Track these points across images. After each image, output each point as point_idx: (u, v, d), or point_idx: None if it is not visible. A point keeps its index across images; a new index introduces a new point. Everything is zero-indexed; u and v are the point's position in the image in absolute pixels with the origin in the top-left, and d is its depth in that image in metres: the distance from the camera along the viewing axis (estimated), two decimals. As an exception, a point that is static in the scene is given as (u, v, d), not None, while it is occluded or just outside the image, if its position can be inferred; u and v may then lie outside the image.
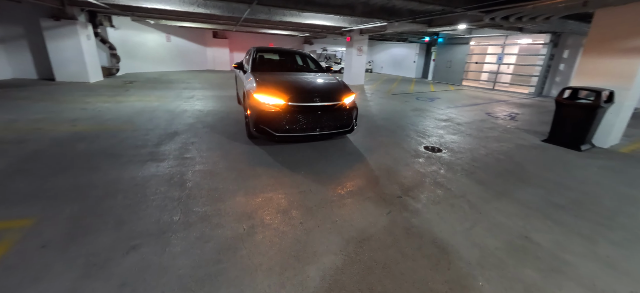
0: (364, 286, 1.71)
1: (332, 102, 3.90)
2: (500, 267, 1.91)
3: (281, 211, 2.50)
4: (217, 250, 1.99)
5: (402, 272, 1.82)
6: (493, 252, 2.04)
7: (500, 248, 2.08)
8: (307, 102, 3.74)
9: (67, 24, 8.36)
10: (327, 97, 3.90)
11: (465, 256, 1.99)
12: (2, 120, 4.67)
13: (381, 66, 21.81)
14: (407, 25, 9.33)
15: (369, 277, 1.79)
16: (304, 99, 3.76)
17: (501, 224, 2.38)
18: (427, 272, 1.83)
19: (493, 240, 2.17)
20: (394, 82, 15.09)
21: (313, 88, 4.09)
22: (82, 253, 1.92)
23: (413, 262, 1.92)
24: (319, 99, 3.82)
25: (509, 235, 2.24)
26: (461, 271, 1.85)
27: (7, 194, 2.58)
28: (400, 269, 1.85)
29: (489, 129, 5.67)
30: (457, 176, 3.33)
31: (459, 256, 1.99)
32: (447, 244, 2.10)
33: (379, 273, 1.82)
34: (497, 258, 1.97)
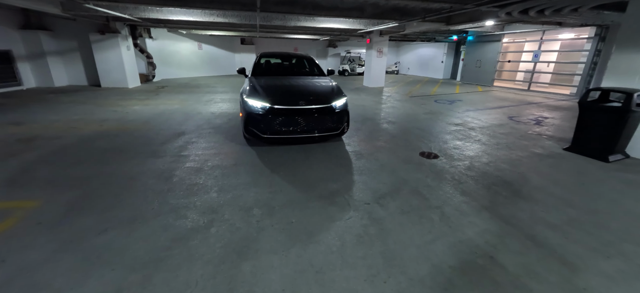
0: (290, 287, 1.73)
1: (319, 105, 3.93)
2: (444, 287, 1.76)
3: (245, 208, 2.61)
4: (172, 239, 2.16)
5: (334, 280, 1.80)
6: (444, 270, 1.88)
7: (455, 267, 1.91)
8: (292, 105, 3.83)
9: (110, 37, 9.53)
10: (314, 101, 3.94)
11: (410, 271, 1.88)
12: (47, 120, 5.51)
13: (408, 67, 21.05)
14: (425, 25, 8.95)
15: (299, 279, 1.80)
16: (289, 102, 3.85)
17: (469, 241, 2.19)
18: (360, 284, 1.77)
19: (450, 258, 2.00)
20: (417, 84, 14.48)
21: (301, 91, 4.16)
22: (66, 231, 2.24)
23: (351, 270, 1.88)
24: (305, 102, 3.88)
25: (472, 254, 2.04)
26: (398, 286, 1.75)
27: (28, 180, 3.07)
28: (333, 276, 1.83)
29: (504, 135, 5.19)
30: (442, 185, 3.12)
31: (403, 270, 1.88)
32: (396, 256, 2.01)
33: (310, 277, 1.82)
34: (445, 278, 1.82)
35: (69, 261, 1.94)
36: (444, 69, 17.46)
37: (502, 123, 6.14)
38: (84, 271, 1.85)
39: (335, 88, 4.40)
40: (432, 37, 15.59)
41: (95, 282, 1.77)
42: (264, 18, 8.67)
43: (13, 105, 6.79)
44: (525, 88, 11.97)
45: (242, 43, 18.78)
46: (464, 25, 8.13)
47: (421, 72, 19.72)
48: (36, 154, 3.80)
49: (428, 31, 11.95)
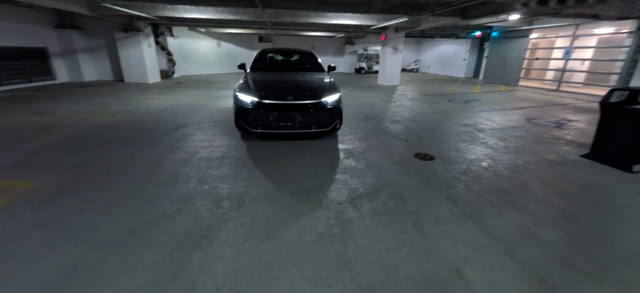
0: (231, 281, 1.70)
1: (308, 101, 3.86)
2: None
3: (216, 200, 2.62)
4: (139, 223, 2.23)
5: (278, 278, 1.73)
6: (398, 280, 1.74)
7: (413, 278, 1.75)
8: (280, 100, 3.79)
9: (132, 35, 10.12)
10: (303, 96, 3.88)
11: (361, 278, 1.76)
12: (67, 111, 5.96)
13: (428, 65, 20.23)
14: (440, 19, 8.51)
15: (243, 273, 1.76)
16: (277, 97, 3.82)
17: (437, 251, 2.00)
18: (304, 285, 1.69)
19: (411, 267, 1.84)
20: (434, 82, 13.86)
21: (291, 87, 4.11)
22: (49, 209, 2.40)
23: (299, 270, 1.80)
24: (294, 97, 3.82)
25: (436, 266, 1.86)
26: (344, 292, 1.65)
27: (32, 163, 3.32)
28: (279, 275, 1.77)
29: (516, 138, 4.78)
30: (427, 189, 2.92)
31: (354, 276, 1.77)
32: (351, 261, 1.89)
33: (256, 272, 1.77)
34: (398, 289, 1.68)
35: (41, 236, 2.08)
36: (466, 67, 16.55)
37: (517, 125, 5.66)
38: (51, 247, 1.96)
39: (329, 84, 4.30)
40: (454, 34, 14.83)
41: (57, 256, 1.87)
42: (273, 14, 8.73)
43: (44, 97, 7.43)
44: (554, 88, 10.98)
45: (260, 41, 19.12)
46: (481, 20, 7.61)
47: (442, 71, 18.86)
48: (47, 141, 4.12)
49: (446, 27, 11.38)
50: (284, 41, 19.72)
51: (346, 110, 6.74)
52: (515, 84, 12.35)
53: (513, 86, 12.29)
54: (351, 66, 20.44)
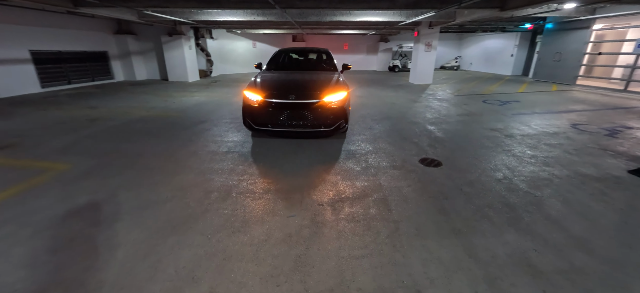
0: (190, 266, 1.81)
1: (310, 100, 3.86)
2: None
3: (206, 191, 2.80)
4: (136, 206, 2.52)
5: (233, 270, 1.80)
6: (349, 291, 1.66)
7: (365, 291, 1.65)
8: (282, 99, 3.86)
9: (176, 38, 11.18)
10: (305, 95, 3.89)
11: (312, 282, 1.73)
12: (114, 106, 6.85)
13: (470, 62, 18.63)
14: (477, 12, 7.78)
15: (204, 261, 1.86)
16: (280, 95, 3.89)
17: (404, 266, 1.84)
18: (254, 280, 1.73)
19: (367, 280, 1.73)
20: (473, 81, 12.71)
21: (296, 86, 4.15)
22: (72, 189, 2.82)
23: (255, 265, 1.84)
24: (295, 96, 3.86)
25: (396, 283, 1.71)
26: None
27: (73, 149, 3.91)
28: (235, 267, 1.83)
29: (549, 147, 4.17)
30: (421, 198, 2.71)
31: (305, 279, 1.74)
32: (309, 264, 1.87)
33: (215, 262, 1.86)
34: None
35: (56, 209, 2.47)
36: (513, 64, 14.83)
37: (558, 131, 4.93)
38: (61, 218, 2.31)
39: (334, 84, 4.23)
40: (500, 27, 13.40)
41: (64, 229, 2.19)
42: (298, 14, 8.87)
43: (100, 94, 8.64)
44: (620, 88, 9.25)
45: (294, 40, 19.59)
46: (524, 10, 6.75)
47: (486, 68, 17.19)
48: (90, 131, 4.80)
49: (485, 20, 10.37)
50: (316, 40, 19.91)
51: (365, 110, 6.58)
52: (572, 82, 10.70)
53: (569, 85, 10.66)
54: (385, 64, 19.80)
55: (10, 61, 7.75)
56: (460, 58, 19.12)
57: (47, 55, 8.75)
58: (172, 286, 1.69)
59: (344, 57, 20.49)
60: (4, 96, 7.58)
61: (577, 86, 10.44)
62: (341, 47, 20.26)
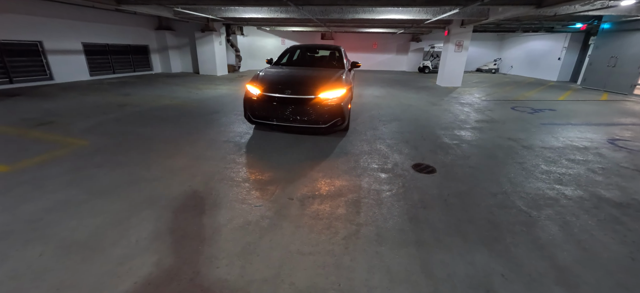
0: (148, 238, 1.96)
1: (305, 96, 3.88)
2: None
3: (192, 174, 3.00)
4: (127, 181, 2.79)
5: (185, 247, 1.92)
6: (282, 284, 1.66)
7: (297, 288, 1.63)
8: (278, 93, 3.93)
9: (207, 34, 11.90)
10: (301, 91, 3.91)
11: (250, 268, 1.77)
12: (144, 94, 7.53)
13: (511, 65, 17.06)
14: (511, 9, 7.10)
15: (163, 236, 2.01)
16: (277, 90, 3.97)
17: (348, 270, 1.78)
18: (199, 259, 1.81)
19: (304, 277, 1.71)
20: (509, 86, 11.63)
21: (294, 81, 4.18)
22: (82, 162, 3.21)
23: (205, 246, 1.94)
24: (291, 91, 3.91)
25: (331, 285, 1.67)
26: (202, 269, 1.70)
27: (97, 129, 4.39)
28: (187, 245, 1.94)
29: (571, 163, 3.68)
30: (398, 204, 2.55)
31: (245, 266, 1.79)
32: (253, 252, 1.91)
33: (174, 238, 2.00)
34: (273, 291, 1.62)
35: (64, 178, 2.83)
36: (560, 69, 13.25)
37: (589, 146, 4.33)
38: (66, 187, 2.64)
39: (333, 81, 4.18)
40: (547, 27, 12.05)
41: (62, 194, 2.51)
42: (321, 12, 8.92)
43: (137, 83, 9.54)
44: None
45: (322, 38, 19.67)
46: (561, 7, 6.00)
47: (528, 72, 15.60)
48: (117, 115, 5.35)
49: (523, 18, 9.44)
50: (345, 38, 19.77)
51: (377, 110, 6.41)
52: (628, 92, 9.24)
53: (623, 94, 9.23)
54: (416, 64, 19.01)
55: (66, 52, 8.93)
56: (500, 61, 17.60)
57: (96, 47, 9.91)
58: (128, 253, 1.86)
59: (372, 56, 20.08)
60: (59, 82, 8.76)
61: (633, 96, 9.00)
62: (370, 46, 19.90)
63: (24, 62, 7.81)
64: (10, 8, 7.30)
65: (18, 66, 7.68)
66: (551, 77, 13.80)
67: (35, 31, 7.94)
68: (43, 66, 8.29)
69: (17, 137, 4.01)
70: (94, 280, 1.65)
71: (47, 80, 8.44)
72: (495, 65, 17.37)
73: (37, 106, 5.80)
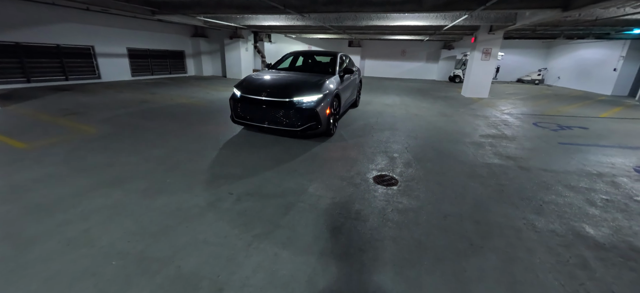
0: (91, 211, 2.27)
1: (279, 99, 4.00)
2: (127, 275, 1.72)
3: (161, 162, 3.35)
4: (104, 163, 3.25)
5: (114, 221, 2.18)
6: (172, 266, 1.81)
7: (182, 270, 1.76)
8: (255, 95, 4.12)
9: (235, 41, 12.79)
10: (276, 94, 4.05)
11: (154, 247, 1.94)
12: (167, 93, 8.37)
13: (558, 75, 15.16)
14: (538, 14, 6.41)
15: (104, 211, 2.31)
16: (254, 92, 4.16)
17: (237, 265, 1.85)
18: (118, 232, 2.04)
19: (191, 262, 1.83)
20: (545, 98, 10.37)
21: (271, 84, 4.35)
22: (84, 145, 3.77)
23: (130, 222, 2.18)
24: (266, 94, 4.06)
25: (211, 274, 1.76)
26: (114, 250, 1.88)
27: (111, 120, 5.04)
28: (117, 219, 2.21)
29: (569, 190, 3.19)
30: (329, 212, 2.49)
31: (152, 243, 1.97)
32: (166, 234, 2.09)
33: (111, 213, 2.29)
34: (166, 270, 1.76)
35: (60, 157, 3.37)
36: (616, 81, 11.39)
37: (603, 172, 3.70)
38: (58, 164, 3.14)
39: (311, 85, 4.22)
40: (600, 33, 10.52)
41: (52, 169, 2.98)
42: (336, 19, 9.05)
43: (168, 84, 10.62)
44: None
45: (350, 45, 19.69)
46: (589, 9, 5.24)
47: (578, 84, 13.69)
48: (134, 109, 6.06)
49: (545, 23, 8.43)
50: (372, 45, 19.57)
51: (376, 118, 6.23)
52: None
53: (698, 114, 7.62)
54: (446, 73, 17.97)
55: (113, 55, 10.35)
56: (545, 71, 15.76)
57: (139, 51, 11.30)
58: (67, 219, 2.20)
59: (401, 64, 19.49)
60: (105, 80, 10.18)
61: None
62: (398, 53, 19.36)
63: (78, 63, 9.26)
64: (70, 18, 8.75)
65: (73, 66, 9.14)
66: (604, 91, 11.93)
67: (89, 37, 9.38)
68: (93, 67, 9.73)
69: (47, 123, 4.80)
70: (35, 233, 2.00)
71: (95, 79, 9.87)
72: (540, 75, 15.60)
73: (77, 100, 6.84)
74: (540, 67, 16.15)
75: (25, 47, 7.96)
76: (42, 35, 8.25)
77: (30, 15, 7.94)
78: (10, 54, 7.72)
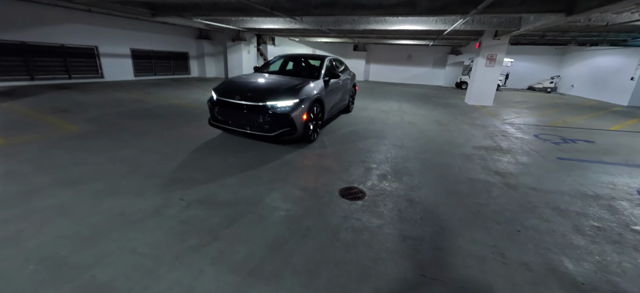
0: (47, 208, 2.22)
1: (252, 103, 3.90)
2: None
3: (128, 163, 3.32)
4: (71, 163, 3.18)
5: (62, 215, 2.12)
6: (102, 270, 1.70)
7: (100, 278, 1.67)
8: (229, 98, 4.03)
9: (237, 43, 12.90)
10: (249, 98, 3.94)
11: (84, 250, 1.86)
12: (163, 93, 8.45)
13: (571, 84, 14.43)
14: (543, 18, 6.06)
15: (38, 213, 2.24)
16: (228, 95, 4.07)
17: (155, 277, 1.75)
18: (63, 226, 1.99)
19: (110, 271, 1.74)
20: (554, 108, 9.83)
21: (246, 87, 4.24)
22: (59, 142, 3.77)
23: (71, 222, 2.10)
24: (240, 97, 3.96)
25: (125, 283, 1.69)
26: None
27: (95, 119, 5.09)
28: (65, 213, 2.14)
29: (553, 214, 2.86)
30: (279, 226, 2.35)
31: (86, 246, 1.90)
32: (103, 237, 2.01)
33: (57, 212, 2.22)
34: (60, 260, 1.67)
35: (31, 155, 3.37)
36: (633, 91, 10.67)
37: (601, 194, 3.34)
38: (24, 162, 3.13)
39: (286, 90, 4.08)
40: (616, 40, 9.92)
41: (16, 166, 2.98)
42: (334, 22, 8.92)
43: (168, 84, 10.77)
44: None
45: (355, 49, 19.50)
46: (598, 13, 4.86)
47: (592, 93, 12.95)
48: (124, 109, 6.12)
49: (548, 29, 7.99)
50: (377, 50, 19.34)
51: (364, 125, 6.00)
52: None
53: None
54: (453, 79, 17.49)
55: (117, 55, 10.60)
56: (558, 78, 15.05)
57: (142, 52, 11.55)
58: (6, 217, 2.16)
59: (407, 69, 19.14)
60: (108, 80, 10.43)
61: None
62: (404, 58, 19.02)
63: (81, 62, 9.53)
64: (75, 19, 9.02)
65: (77, 65, 9.41)
66: (621, 101, 11.20)
67: (93, 38, 9.65)
68: (96, 66, 9.99)
69: (34, 120, 4.88)
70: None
71: (98, 78, 10.12)
72: (552, 83, 14.90)
73: (72, 98, 6.98)
74: (553, 74, 15.44)
75: (30, 46, 8.25)
76: (47, 35, 8.53)
77: (36, 16, 8.24)
78: (16, 53, 8.01)
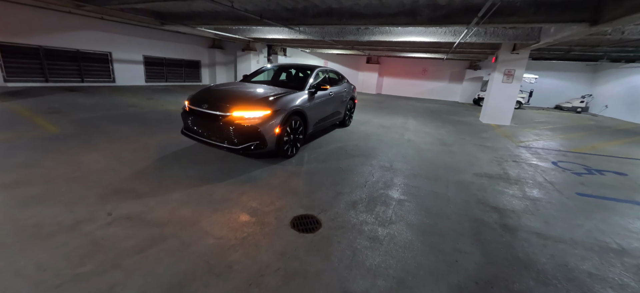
0: None
1: (218, 112, 3.63)
2: None
3: (87, 169, 3.20)
4: (33, 164, 3.05)
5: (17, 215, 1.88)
6: None
7: None
8: (197, 107, 3.80)
9: (246, 53, 13.03)
10: (216, 107, 3.68)
11: None
12: (164, 99, 8.55)
13: (605, 104, 13.02)
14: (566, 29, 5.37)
15: None
16: (198, 103, 3.84)
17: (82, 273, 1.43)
18: None
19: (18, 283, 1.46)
20: (582, 131, 8.76)
21: (215, 96, 4.02)
22: (28, 145, 3.71)
23: None
24: (208, 106, 3.71)
25: None
26: None
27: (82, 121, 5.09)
28: None
29: (559, 273, 2.32)
30: (196, 256, 2.05)
31: None
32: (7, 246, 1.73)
33: None
34: None
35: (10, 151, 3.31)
36: None
37: (627, 247, 2.63)
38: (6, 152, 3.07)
39: (258, 101, 3.78)
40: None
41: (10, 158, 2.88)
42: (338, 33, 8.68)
43: (175, 91, 10.97)
44: None
45: (368, 62, 19.12)
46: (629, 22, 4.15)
47: (629, 115, 11.52)
48: (114, 113, 6.16)
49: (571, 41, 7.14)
50: (391, 63, 18.87)
51: (359, 142, 5.50)
52: None
53: None
54: (472, 95, 16.50)
55: (130, 61, 11.03)
56: (591, 97, 13.67)
57: (154, 59, 11.96)
58: None
59: (422, 83, 18.43)
60: (119, 84, 10.82)
61: None
62: (420, 72, 18.34)
63: (95, 67, 9.96)
64: (90, 26, 9.49)
65: (90, 70, 9.85)
66: (665, 127, 9.84)
67: (107, 44, 10.09)
68: (109, 71, 10.41)
69: (23, 118, 4.99)
70: None
71: (110, 82, 10.53)
72: (583, 102, 13.55)
73: (73, 100, 7.18)
74: (584, 93, 14.08)
75: (46, 50, 8.72)
76: (63, 40, 9.02)
77: (54, 22, 8.74)
78: (33, 56, 8.49)
